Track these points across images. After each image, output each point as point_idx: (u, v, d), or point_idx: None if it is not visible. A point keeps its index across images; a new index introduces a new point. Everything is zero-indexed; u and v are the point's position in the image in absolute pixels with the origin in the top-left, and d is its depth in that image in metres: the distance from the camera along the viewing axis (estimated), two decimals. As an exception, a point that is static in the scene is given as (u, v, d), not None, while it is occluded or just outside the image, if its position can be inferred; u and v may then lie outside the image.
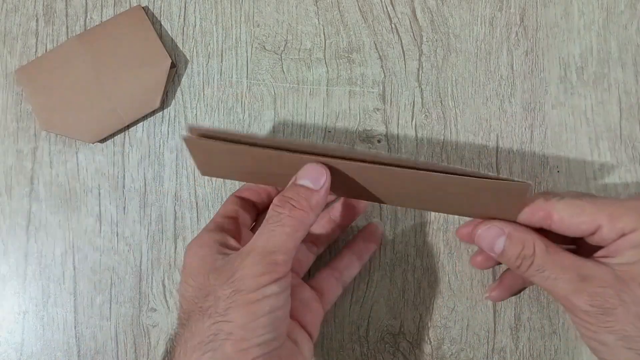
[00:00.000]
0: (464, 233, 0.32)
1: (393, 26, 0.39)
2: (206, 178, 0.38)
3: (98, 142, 0.38)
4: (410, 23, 0.39)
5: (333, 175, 0.28)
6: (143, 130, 0.39)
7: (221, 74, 0.39)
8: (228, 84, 0.39)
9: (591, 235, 0.29)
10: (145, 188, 0.38)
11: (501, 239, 0.29)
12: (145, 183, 0.38)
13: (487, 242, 0.30)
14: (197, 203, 0.38)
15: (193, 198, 0.38)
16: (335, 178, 0.28)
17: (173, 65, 0.38)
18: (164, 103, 0.39)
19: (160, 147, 0.39)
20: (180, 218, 0.38)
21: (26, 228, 0.38)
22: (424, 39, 0.39)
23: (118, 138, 0.39)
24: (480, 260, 0.35)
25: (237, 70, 0.39)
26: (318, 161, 0.28)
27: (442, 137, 0.38)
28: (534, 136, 0.38)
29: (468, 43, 0.39)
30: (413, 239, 0.37)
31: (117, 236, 0.38)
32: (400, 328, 0.37)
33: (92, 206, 0.38)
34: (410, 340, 0.37)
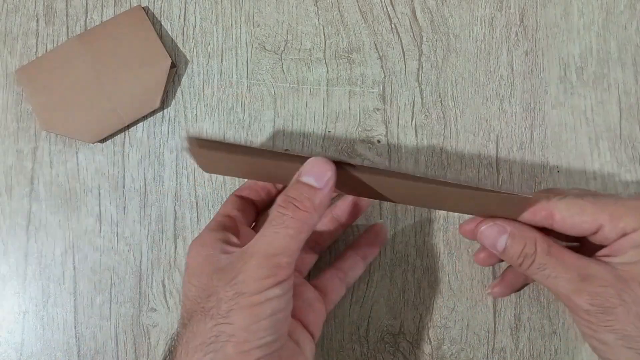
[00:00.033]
0: (467, 229, 0.32)
1: (393, 26, 0.39)
2: (206, 178, 0.38)
3: (98, 142, 0.38)
4: (410, 23, 0.39)
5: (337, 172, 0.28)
6: (143, 130, 0.39)
7: (221, 74, 0.39)
8: (228, 84, 0.39)
9: (593, 234, 0.29)
10: (145, 188, 0.38)
11: (503, 237, 0.29)
12: (145, 183, 0.38)
13: (490, 240, 0.30)
14: (197, 203, 0.38)
15: (193, 198, 0.38)
16: (339, 176, 0.28)
17: (173, 65, 0.38)
18: (164, 103, 0.39)
19: (160, 147, 0.39)
20: (180, 218, 0.38)
21: (26, 228, 0.38)
22: (424, 39, 0.39)
23: (118, 138, 0.39)
24: (483, 256, 0.35)
25: (237, 70, 0.39)
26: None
27: (442, 137, 0.38)
28: (534, 136, 0.38)
29: (468, 43, 0.39)
30: (413, 239, 0.37)
31: (117, 236, 0.38)
32: (400, 328, 0.37)
33: (92, 206, 0.38)
34: (410, 340, 0.37)
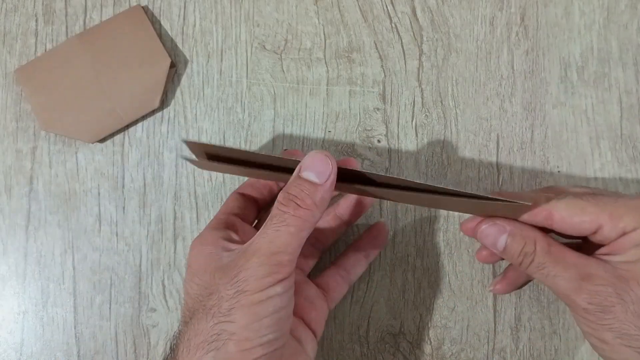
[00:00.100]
0: (468, 227, 0.32)
1: (393, 26, 0.39)
2: (206, 178, 0.38)
3: (97, 142, 0.38)
4: (410, 22, 0.39)
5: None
6: (143, 130, 0.39)
7: (221, 74, 0.39)
8: (228, 84, 0.39)
9: (593, 234, 0.29)
10: (144, 188, 0.38)
11: (503, 237, 0.30)
12: (144, 183, 0.38)
13: (490, 239, 0.30)
14: (197, 203, 0.38)
15: (193, 198, 0.38)
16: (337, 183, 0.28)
17: (173, 65, 0.38)
18: (164, 103, 0.39)
19: (159, 147, 0.38)
20: (180, 218, 0.38)
21: (25, 228, 0.38)
22: (424, 39, 0.39)
23: (117, 138, 0.39)
24: (485, 254, 0.35)
25: (237, 70, 0.39)
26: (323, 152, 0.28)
27: (443, 137, 0.38)
28: (535, 136, 0.38)
29: (468, 42, 0.38)
30: (413, 239, 0.37)
31: (117, 236, 0.38)
32: (400, 328, 0.37)
33: (92, 206, 0.38)
34: (410, 340, 0.37)
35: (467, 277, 0.37)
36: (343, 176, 0.28)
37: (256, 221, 0.34)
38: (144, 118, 0.39)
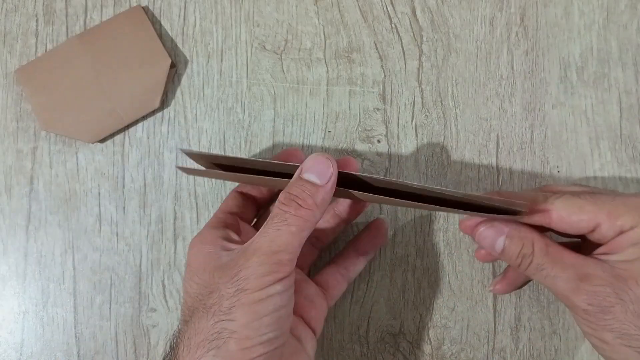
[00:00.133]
0: (467, 225, 0.32)
1: (393, 26, 0.39)
2: (206, 178, 0.38)
3: (98, 142, 0.38)
4: (410, 23, 0.39)
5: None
6: (143, 130, 0.39)
7: (221, 74, 0.39)
8: (228, 84, 0.39)
9: (591, 232, 0.29)
10: (145, 188, 0.38)
11: (501, 238, 0.30)
12: (145, 183, 0.38)
13: (488, 241, 0.30)
14: (197, 203, 0.38)
15: (193, 198, 0.38)
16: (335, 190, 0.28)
17: (173, 65, 0.38)
18: (164, 103, 0.39)
19: (160, 147, 0.38)
20: (180, 218, 0.38)
21: (26, 228, 0.38)
22: (424, 39, 0.39)
23: (118, 138, 0.39)
24: (484, 253, 0.35)
25: (237, 70, 0.39)
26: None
27: (442, 137, 0.38)
28: (534, 136, 0.38)
29: (468, 43, 0.38)
30: (413, 239, 0.37)
31: (117, 236, 0.38)
32: (400, 328, 0.37)
33: (92, 206, 0.38)
34: (410, 340, 0.37)
35: (467, 277, 0.37)
36: (343, 180, 0.28)
37: (255, 220, 0.34)
38: (144, 118, 0.39)
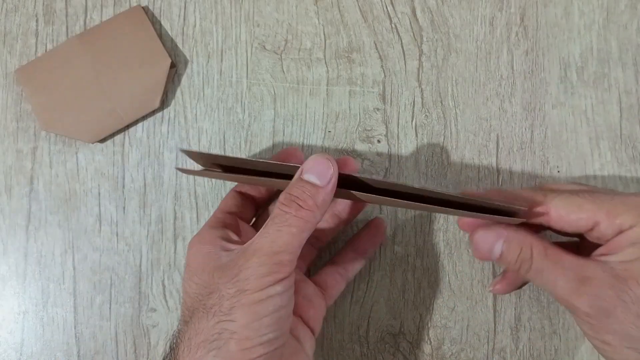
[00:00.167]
0: (465, 222, 0.32)
1: (393, 26, 0.39)
2: (206, 177, 0.38)
3: (98, 142, 0.38)
4: (410, 23, 0.39)
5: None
6: (143, 130, 0.39)
7: (221, 74, 0.39)
8: (228, 84, 0.39)
9: (589, 231, 0.29)
10: (145, 188, 0.38)
11: (499, 243, 0.29)
12: (145, 183, 0.38)
13: (486, 247, 0.30)
14: (197, 203, 0.38)
15: (193, 198, 0.38)
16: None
17: (173, 65, 0.38)
18: (164, 103, 0.39)
19: (160, 147, 0.38)
20: (180, 218, 0.38)
21: (26, 228, 0.38)
22: (424, 39, 0.39)
23: (118, 138, 0.39)
24: None
25: (237, 70, 0.39)
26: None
27: (442, 137, 0.38)
28: (534, 136, 0.38)
29: (468, 43, 0.38)
30: (413, 239, 0.37)
31: (117, 236, 0.38)
32: (400, 328, 0.37)
33: (92, 206, 0.38)
34: (410, 340, 0.37)
35: (467, 277, 0.37)
36: (343, 180, 0.28)
37: (254, 219, 0.34)
38: (144, 118, 0.39)
